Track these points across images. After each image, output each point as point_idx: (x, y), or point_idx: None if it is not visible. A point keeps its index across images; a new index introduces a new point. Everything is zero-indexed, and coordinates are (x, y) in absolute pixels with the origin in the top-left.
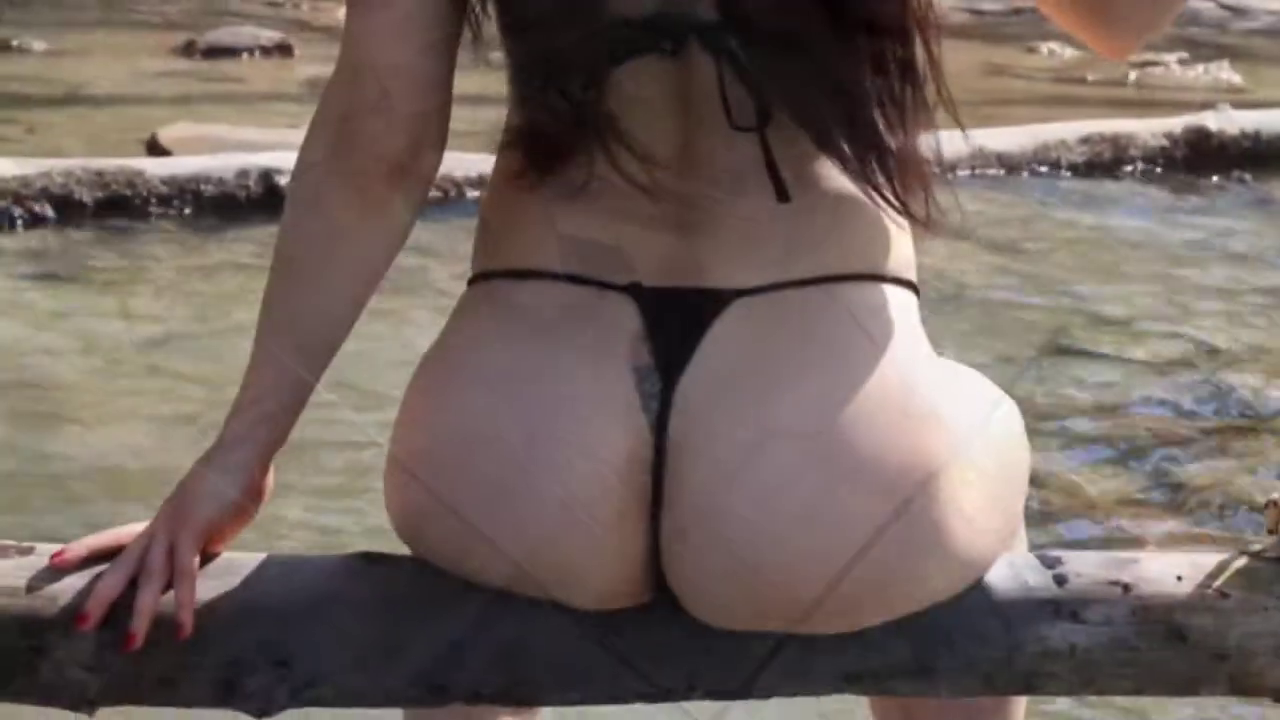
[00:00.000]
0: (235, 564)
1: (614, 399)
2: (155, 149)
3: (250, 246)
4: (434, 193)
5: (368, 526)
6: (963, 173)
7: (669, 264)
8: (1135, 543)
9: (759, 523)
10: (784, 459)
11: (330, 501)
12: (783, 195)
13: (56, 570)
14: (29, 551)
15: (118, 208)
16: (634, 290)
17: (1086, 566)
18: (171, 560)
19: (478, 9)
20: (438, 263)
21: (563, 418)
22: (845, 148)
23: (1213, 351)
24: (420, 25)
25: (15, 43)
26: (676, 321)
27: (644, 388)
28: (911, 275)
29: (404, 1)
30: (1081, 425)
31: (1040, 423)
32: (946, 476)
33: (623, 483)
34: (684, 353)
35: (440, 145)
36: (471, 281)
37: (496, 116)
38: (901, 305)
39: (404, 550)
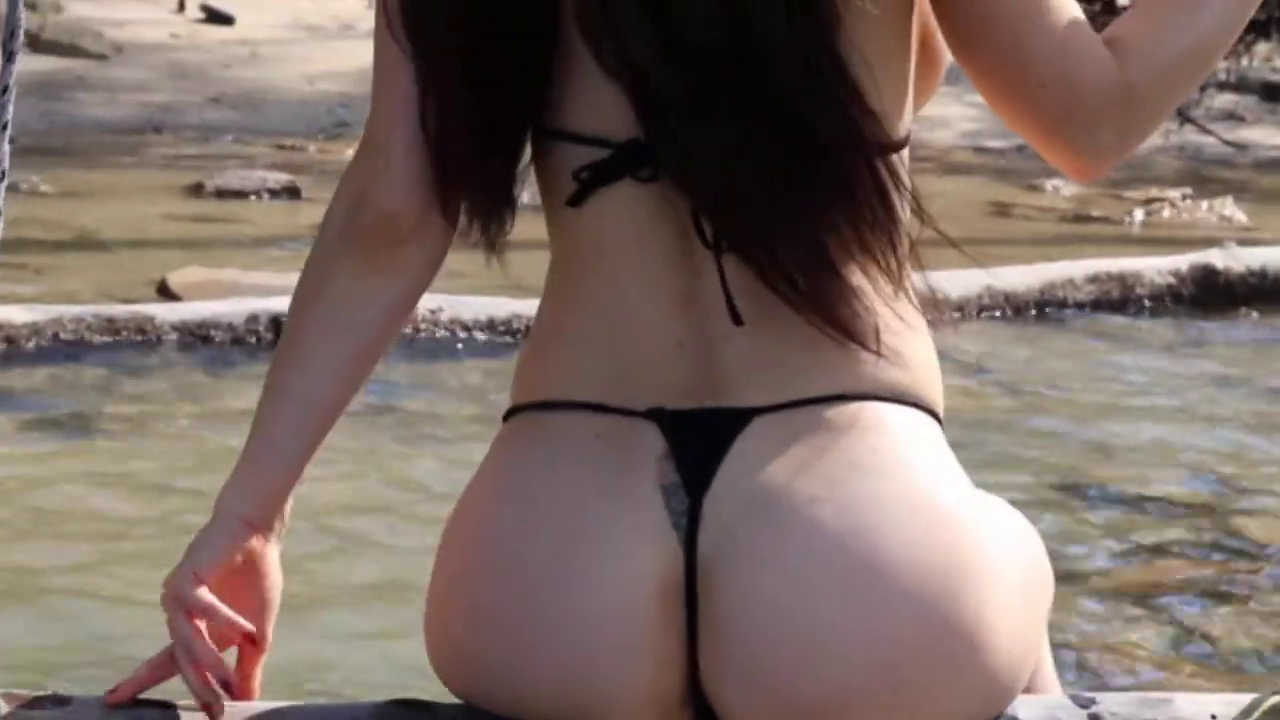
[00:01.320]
0: (265, 714)
1: (643, 519)
2: (165, 293)
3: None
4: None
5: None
6: (970, 311)
7: (689, 386)
8: (1164, 684)
9: (798, 658)
10: (816, 583)
11: (363, 642)
12: (736, 319)
13: (110, 708)
14: (65, 701)
15: (129, 352)
16: (657, 415)
17: (1121, 706)
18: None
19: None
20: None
21: (594, 539)
22: (790, 273)
23: (1226, 491)
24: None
25: (24, 185)
26: (700, 440)
27: (672, 505)
28: (934, 405)
29: (407, 81)
30: (1097, 564)
31: (1054, 563)
32: (977, 594)
33: (657, 600)
34: (709, 470)
35: (451, 216)
36: (506, 417)
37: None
38: (924, 426)
39: (440, 690)
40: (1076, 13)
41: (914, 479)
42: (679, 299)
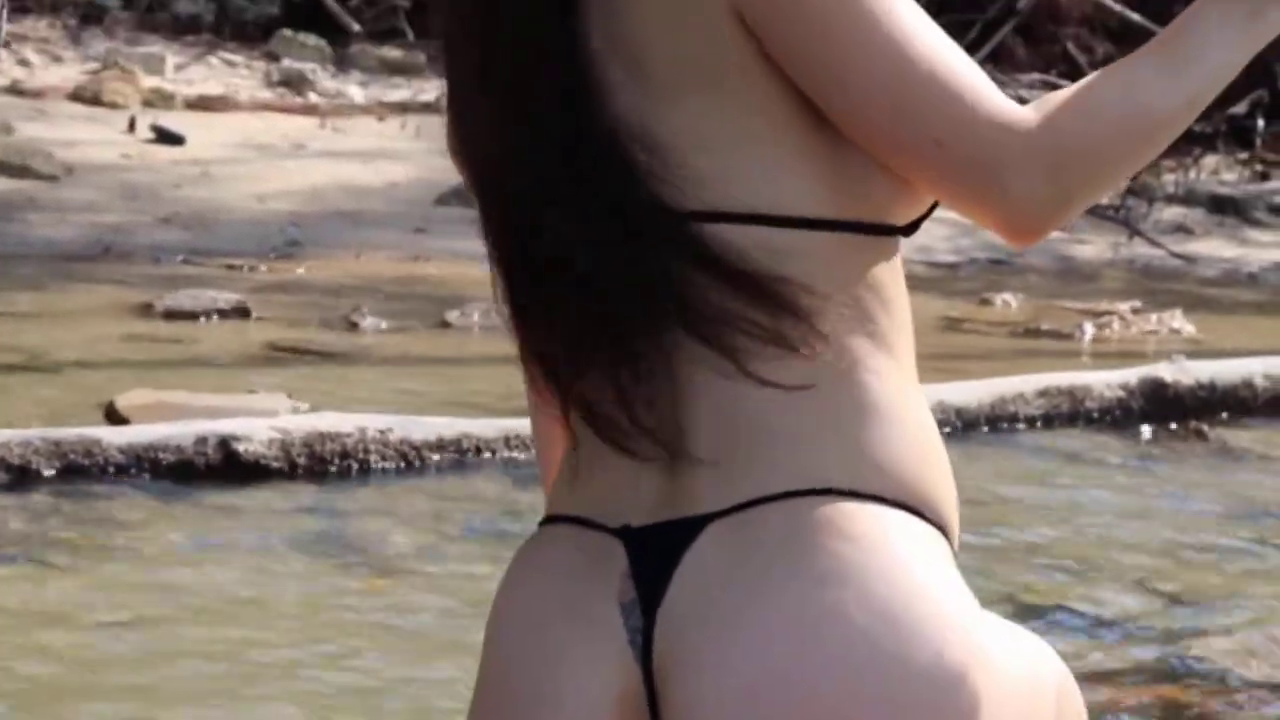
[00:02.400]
0: None
1: (606, 637)
2: (113, 416)
3: (210, 517)
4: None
5: None
6: None
7: (655, 501)
8: None
9: None
10: (763, 694)
11: None
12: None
13: None
14: None
15: (76, 477)
16: (623, 533)
17: None
18: None
19: None
20: None
21: (561, 659)
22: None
23: (1179, 609)
24: None
25: None
26: (656, 556)
27: (629, 623)
28: (915, 500)
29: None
30: None
31: None
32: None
33: (616, 718)
34: (662, 585)
35: None
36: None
37: None
38: (897, 525)
39: None
40: (951, 62)
41: (870, 585)
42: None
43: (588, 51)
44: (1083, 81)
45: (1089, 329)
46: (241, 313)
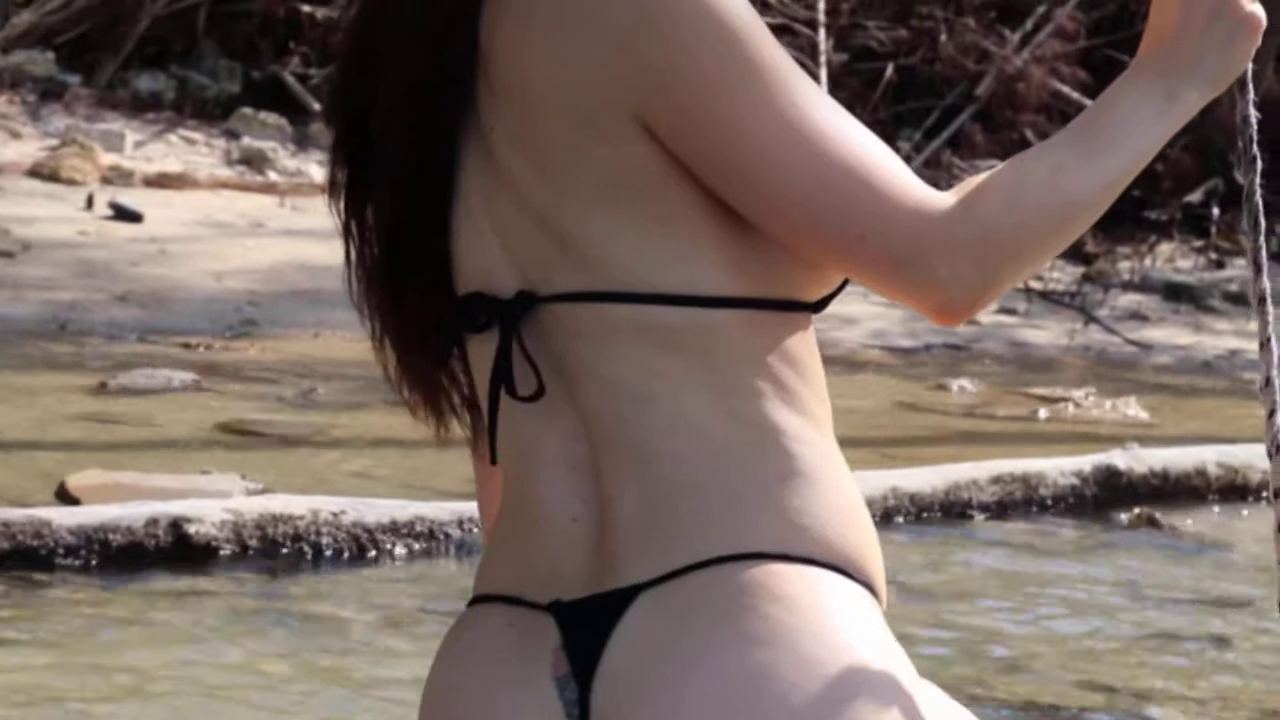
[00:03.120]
0: None
1: (542, 712)
2: (65, 497)
3: (158, 600)
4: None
5: None
6: (874, 513)
7: (584, 573)
8: None
9: None
10: None
11: None
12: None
13: None
14: None
15: (24, 559)
16: (554, 608)
17: None
18: None
19: None
20: None
21: None
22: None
23: (1132, 703)
24: None
25: None
26: (588, 628)
27: (565, 696)
28: (845, 562)
29: None
30: None
31: None
32: None
33: None
34: (595, 657)
35: None
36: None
37: None
38: (825, 587)
39: None
40: (867, 155)
41: (804, 645)
42: (569, 468)
43: (484, 134)
44: (1005, 166)
45: (1043, 414)
46: (196, 391)
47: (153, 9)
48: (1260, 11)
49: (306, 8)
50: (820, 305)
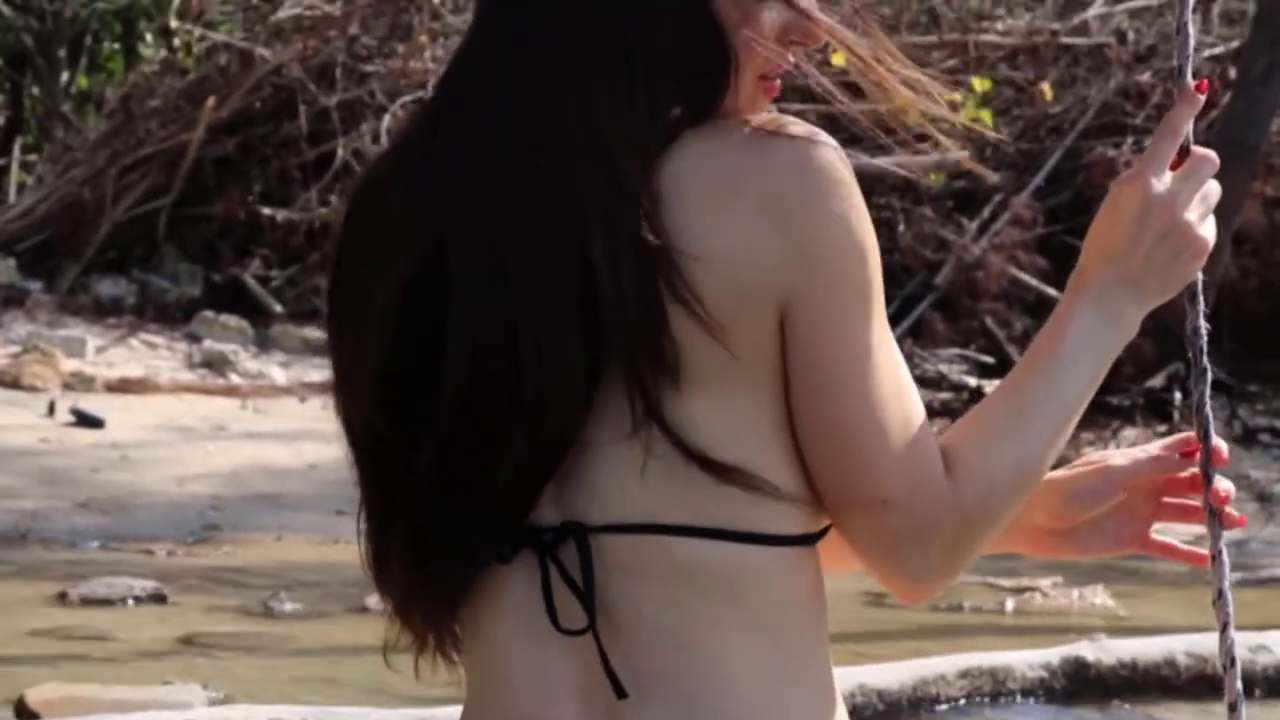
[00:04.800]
0: None
1: None
2: (23, 712)
3: None
4: None
5: None
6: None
7: None
8: None
9: None
10: None
11: None
12: (619, 692)
13: None
14: None
15: None
16: None
17: None
18: None
19: None
20: None
21: None
22: None
23: None
24: None
25: None
26: None
27: None
28: None
29: None
30: None
31: None
32: None
33: None
34: None
35: None
36: None
37: None
38: None
39: None
40: (918, 419)
41: None
42: (584, 699)
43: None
44: (973, 435)
45: (1010, 604)
46: (158, 599)
47: (113, 215)
48: (1210, 235)
49: (267, 210)
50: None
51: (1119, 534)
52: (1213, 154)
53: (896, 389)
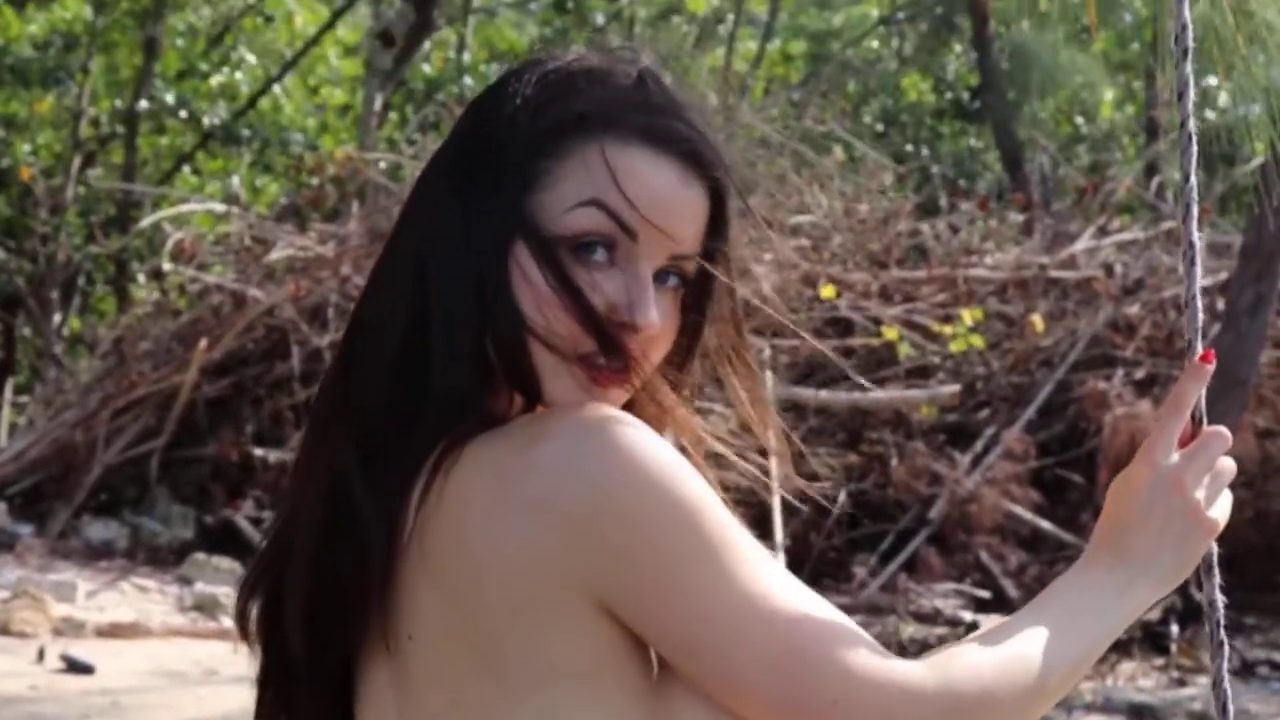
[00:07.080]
0: None
1: None
2: None
3: None
4: None
5: None
6: None
7: None
8: None
9: None
10: None
11: None
12: None
13: None
14: None
15: None
16: None
17: None
18: None
19: None
20: None
21: None
22: None
23: None
24: None
25: None
26: None
27: None
28: None
29: None
30: None
31: None
32: None
33: None
34: None
35: None
36: None
37: None
38: None
39: None
40: (841, 626)
41: None
42: None
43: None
44: (973, 654)
45: None
46: None
47: (105, 457)
48: (1223, 513)
49: (259, 451)
50: None
51: None
52: (1224, 430)
53: (790, 612)
